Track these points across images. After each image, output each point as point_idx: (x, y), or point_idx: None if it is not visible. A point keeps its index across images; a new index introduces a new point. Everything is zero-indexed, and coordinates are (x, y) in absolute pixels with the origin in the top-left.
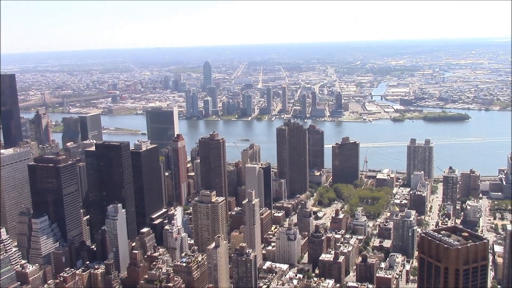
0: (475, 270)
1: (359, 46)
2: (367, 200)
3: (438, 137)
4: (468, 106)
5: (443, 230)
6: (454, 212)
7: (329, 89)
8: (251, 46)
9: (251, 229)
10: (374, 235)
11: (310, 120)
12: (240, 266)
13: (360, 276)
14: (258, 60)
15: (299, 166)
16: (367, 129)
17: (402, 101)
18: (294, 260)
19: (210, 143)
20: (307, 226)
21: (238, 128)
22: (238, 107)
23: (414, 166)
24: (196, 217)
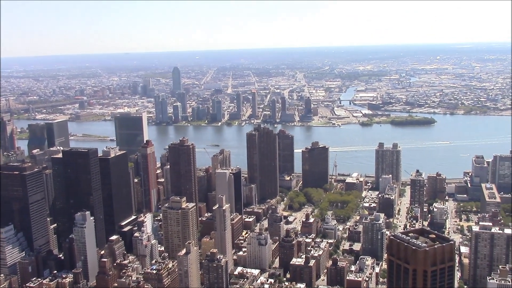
0: (443, 271)
1: (327, 52)
2: (337, 204)
3: (405, 141)
4: (434, 110)
5: (411, 233)
6: (422, 214)
7: (299, 94)
8: (220, 52)
9: (222, 234)
10: (344, 238)
11: (280, 125)
12: (211, 272)
13: (330, 279)
14: (228, 66)
15: (269, 171)
16: (336, 134)
17: (370, 105)
18: (265, 265)
19: (180, 148)
20: (278, 231)
21: (208, 134)
22: (208, 112)
23: (383, 170)
24: (166, 223)
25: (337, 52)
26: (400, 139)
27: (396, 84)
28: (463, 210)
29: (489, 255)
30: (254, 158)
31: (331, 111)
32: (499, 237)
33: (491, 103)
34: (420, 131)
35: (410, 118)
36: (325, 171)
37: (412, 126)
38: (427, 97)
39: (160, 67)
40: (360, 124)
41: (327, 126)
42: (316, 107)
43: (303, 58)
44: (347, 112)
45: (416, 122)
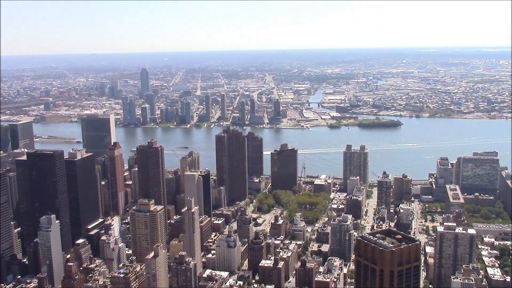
0: (409, 271)
1: (296, 54)
2: (305, 205)
3: (372, 143)
4: (400, 113)
5: (378, 233)
6: (388, 215)
7: (268, 97)
8: (189, 53)
9: (190, 237)
10: (313, 240)
11: (249, 127)
12: (179, 275)
13: (299, 280)
14: (196, 67)
15: (238, 173)
16: (305, 136)
17: (338, 108)
18: (234, 267)
19: (148, 151)
20: (247, 233)
21: (176, 136)
22: (176, 114)
23: (350, 172)
24: (134, 226)
25: (305, 54)
26: (368, 141)
27: (364, 87)
28: (428, 211)
29: (453, 254)
30: (223, 160)
31: (300, 114)
32: (463, 237)
33: (455, 106)
34: (386, 134)
35: (377, 121)
36: (294, 173)
37: (379, 129)
38: (393, 100)
39: (128, 68)
40: (328, 127)
41: (296, 128)
42: (285, 109)
43: (272, 61)
44: (316, 115)
45: (383, 125)
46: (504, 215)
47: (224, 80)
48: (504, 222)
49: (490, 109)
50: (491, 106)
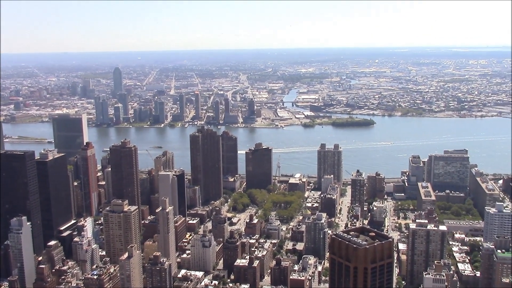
0: (382, 268)
1: (270, 54)
2: (280, 204)
3: (346, 142)
4: (373, 112)
5: (352, 231)
6: (362, 213)
7: (242, 96)
8: (162, 52)
9: (165, 237)
10: (288, 238)
11: (223, 126)
12: (154, 276)
13: (274, 279)
14: (170, 67)
15: (213, 173)
16: (279, 135)
17: (312, 107)
18: (209, 267)
19: (122, 151)
20: (222, 232)
21: (150, 135)
22: (150, 114)
23: (324, 170)
24: (108, 227)
25: (280, 54)
26: (341, 140)
27: (337, 86)
28: (401, 208)
29: (425, 251)
30: (198, 160)
31: (274, 113)
32: (434, 234)
33: (426, 106)
34: (360, 132)
35: (351, 120)
36: (269, 172)
37: (353, 128)
38: (366, 99)
39: (100, 67)
40: (302, 126)
41: (270, 127)
42: (259, 108)
43: (247, 60)
44: (290, 114)
45: (356, 124)
46: (474, 211)
47: (198, 80)
48: (474, 219)
49: (460, 108)
50: (461, 105)
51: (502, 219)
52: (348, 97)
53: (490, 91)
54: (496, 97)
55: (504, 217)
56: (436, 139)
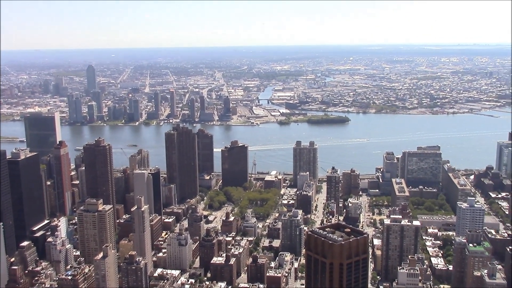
0: (357, 264)
1: (245, 51)
2: (256, 202)
3: (321, 139)
4: (348, 109)
5: (328, 227)
6: (337, 209)
7: (217, 94)
8: (137, 50)
9: (140, 236)
10: (264, 235)
11: (199, 124)
12: (130, 275)
13: (251, 276)
14: (145, 64)
15: (189, 171)
16: (255, 133)
17: (288, 104)
18: (185, 265)
19: (96, 149)
20: (198, 231)
21: (125, 134)
22: (124, 112)
23: (300, 167)
24: (82, 227)
25: (255, 51)
26: (317, 137)
27: (312, 83)
28: (376, 204)
29: (399, 246)
30: (173, 158)
31: (249, 110)
32: (408, 229)
33: (400, 103)
34: (335, 130)
35: (326, 117)
36: (245, 169)
37: (328, 125)
38: (341, 97)
39: (73, 65)
40: (278, 123)
41: (246, 125)
42: (235, 106)
43: (222, 58)
44: (266, 111)
45: (332, 121)
46: (447, 206)
47: (173, 77)
48: (446, 214)
49: (432, 105)
50: (433, 102)
51: (473, 213)
52: (323, 94)
53: (461, 88)
54: (467, 94)
55: (475, 211)
56: (409, 136)
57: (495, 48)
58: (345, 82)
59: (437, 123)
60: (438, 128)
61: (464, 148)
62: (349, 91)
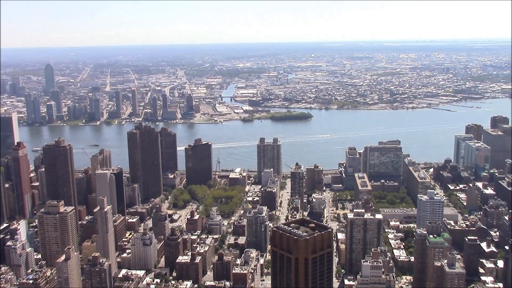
0: (322, 258)
1: (207, 49)
2: (221, 199)
3: (284, 135)
4: (310, 106)
5: (292, 223)
6: (302, 205)
7: (180, 92)
8: (96, 48)
9: (104, 237)
10: (229, 233)
11: (162, 122)
12: (93, 277)
13: (217, 274)
14: (105, 62)
15: (152, 170)
16: (218, 130)
17: (251, 102)
18: (150, 265)
19: (56, 150)
20: (162, 230)
21: (86, 133)
22: (85, 111)
23: (264, 164)
24: (43, 229)
25: (217, 49)
26: (280, 134)
27: (275, 80)
28: (339, 199)
29: (362, 239)
30: (136, 157)
31: (213, 108)
32: (371, 222)
33: (361, 98)
34: (298, 126)
35: (289, 114)
36: (209, 167)
37: (291, 121)
38: (303, 93)
39: (30, 63)
40: (241, 120)
41: (209, 123)
42: (198, 104)
43: (184, 55)
44: (229, 109)
45: (294, 117)
46: (408, 199)
47: (134, 76)
48: (407, 206)
49: (392, 100)
50: (393, 98)
51: (433, 205)
52: (286, 91)
53: (420, 83)
54: (426, 90)
55: (435, 203)
56: (371, 131)
57: (451, 44)
58: (307, 79)
59: (397, 118)
60: (398, 123)
61: (423, 142)
62: (311, 88)
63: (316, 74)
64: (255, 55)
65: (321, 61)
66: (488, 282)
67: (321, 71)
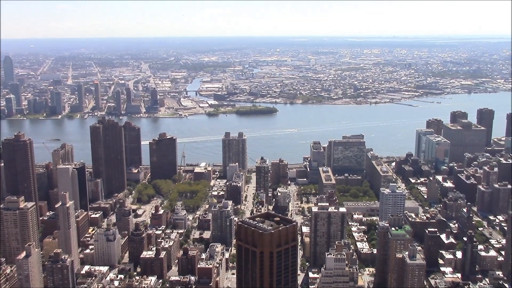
0: (287, 251)
1: (172, 42)
2: (186, 194)
3: (250, 130)
4: (275, 100)
5: (258, 217)
6: (267, 199)
7: (144, 85)
8: (58, 40)
9: (66, 233)
10: (194, 227)
11: (125, 116)
12: (55, 274)
13: (182, 269)
14: (67, 55)
15: (116, 164)
16: (183, 124)
17: (216, 96)
18: (114, 261)
19: (15, 144)
20: (126, 225)
21: (47, 128)
22: (46, 105)
23: (230, 159)
24: (2, 226)
25: (182, 43)
26: (245, 128)
27: (240, 75)
28: (304, 192)
29: (326, 232)
30: (99, 152)
31: (177, 102)
32: (335, 216)
33: (325, 93)
34: (263, 120)
35: (254, 108)
36: (174, 162)
37: (256, 116)
38: (269, 88)
39: None
40: (206, 115)
41: (174, 117)
42: (163, 98)
43: (148, 49)
44: (194, 103)
45: (260, 112)
46: (371, 193)
47: (97, 69)
48: (370, 200)
49: (356, 95)
50: (357, 93)
51: (395, 198)
52: (251, 85)
53: (383, 79)
54: (388, 85)
55: (397, 196)
56: (335, 125)
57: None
58: (273, 73)
59: (360, 113)
60: (362, 117)
61: (386, 137)
62: (276, 82)
63: (281, 69)
64: (220, 49)
65: (286, 56)
66: (447, 272)
67: (286, 66)
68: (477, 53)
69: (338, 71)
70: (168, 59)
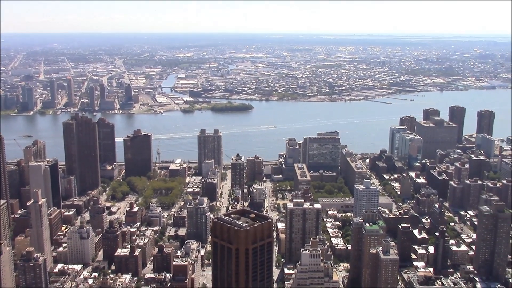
0: (262, 248)
1: (147, 38)
2: (161, 191)
3: (225, 126)
4: (251, 97)
5: (233, 214)
6: (242, 196)
7: (118, 81)
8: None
9: (38, 231)
10: (170, 224)
11: (99, 113)
12: (27, 273)
13: (157, 266)
14: (39, 50)
15: (90, 161)
16: (158, 121)
17: (191, 92)
18: (88, 259)
19: None
20: (100, 223)
21: (18, 124)
22: (17, 100)
23: (205, 155)
24: None
25: (157, 38)
26: (221, 125)
27: (216, 71)
28: (279, 189)
29: (302, 228)
30: (72, 149)
31: (152, 99)
32: (310, 212)
33: (300, 90)
34: (239, 117)
35: (230, 105)
36: (148, 159)
37: (232, 112)
38: (244, 84)
39: None
40: (182, 111)
41: (149, 113)
42: (137, 94)
43: (122, 44)
44: (169, 99)
45: (235, 108)
46: (345, 189)
47: (70, 64)
48: (345, 196)
49: (331, 92)
50: (332, 90)
51: (369, 194)
52: (227, 82)
53: (357, 76)
54: (363, 82)
55: (371, 193)
56: (310, 122)
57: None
58: (248, 70)
59: (335, 110)
60: (337, 114)
61: (360, 133)
62: (251, 79)
63: (256, 66)
64: (195, 45)
65: (262, 53)
66: (420, 267)
67: (262, 63)
68: (449, 51)
69: (313, 68)
70: (143, 55)
